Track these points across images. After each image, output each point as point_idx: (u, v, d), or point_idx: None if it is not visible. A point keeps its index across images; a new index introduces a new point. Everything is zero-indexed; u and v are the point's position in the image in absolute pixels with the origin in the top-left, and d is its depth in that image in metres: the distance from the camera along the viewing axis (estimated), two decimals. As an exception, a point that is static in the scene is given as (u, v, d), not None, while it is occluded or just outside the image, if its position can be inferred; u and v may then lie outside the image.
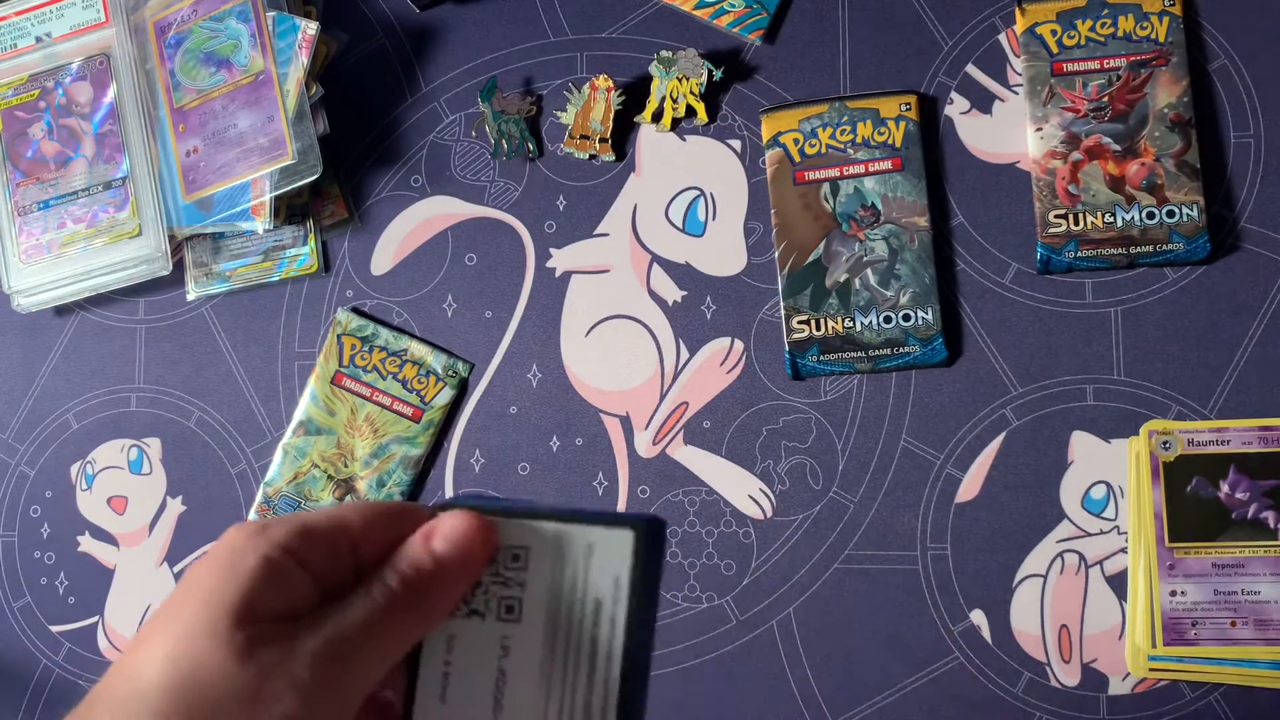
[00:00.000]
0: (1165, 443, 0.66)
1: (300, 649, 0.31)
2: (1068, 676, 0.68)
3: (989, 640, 0.69)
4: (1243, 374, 0.68)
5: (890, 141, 0.72)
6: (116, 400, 0.83)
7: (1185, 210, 0.68)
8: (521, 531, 0.35)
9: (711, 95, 0.75)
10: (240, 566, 0.31)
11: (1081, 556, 0.69)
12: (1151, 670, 0.66)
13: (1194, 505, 0.65)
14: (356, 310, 0.79)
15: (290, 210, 0.80)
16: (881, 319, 0.71)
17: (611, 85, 0.75)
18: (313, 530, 0.33)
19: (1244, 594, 0.65)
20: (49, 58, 0.81)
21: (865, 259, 0.71)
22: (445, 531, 0.35)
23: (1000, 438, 0.70)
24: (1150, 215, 0.68)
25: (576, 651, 0.34)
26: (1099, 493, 0.69)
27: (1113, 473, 0.69)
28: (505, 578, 0.35)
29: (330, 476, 0.77)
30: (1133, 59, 0.70)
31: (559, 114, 0.77)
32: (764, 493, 0.73)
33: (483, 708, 0.34)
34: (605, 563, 0.34)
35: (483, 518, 0.35)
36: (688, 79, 0.74)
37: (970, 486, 0.70)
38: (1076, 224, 0.69)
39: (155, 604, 0.81)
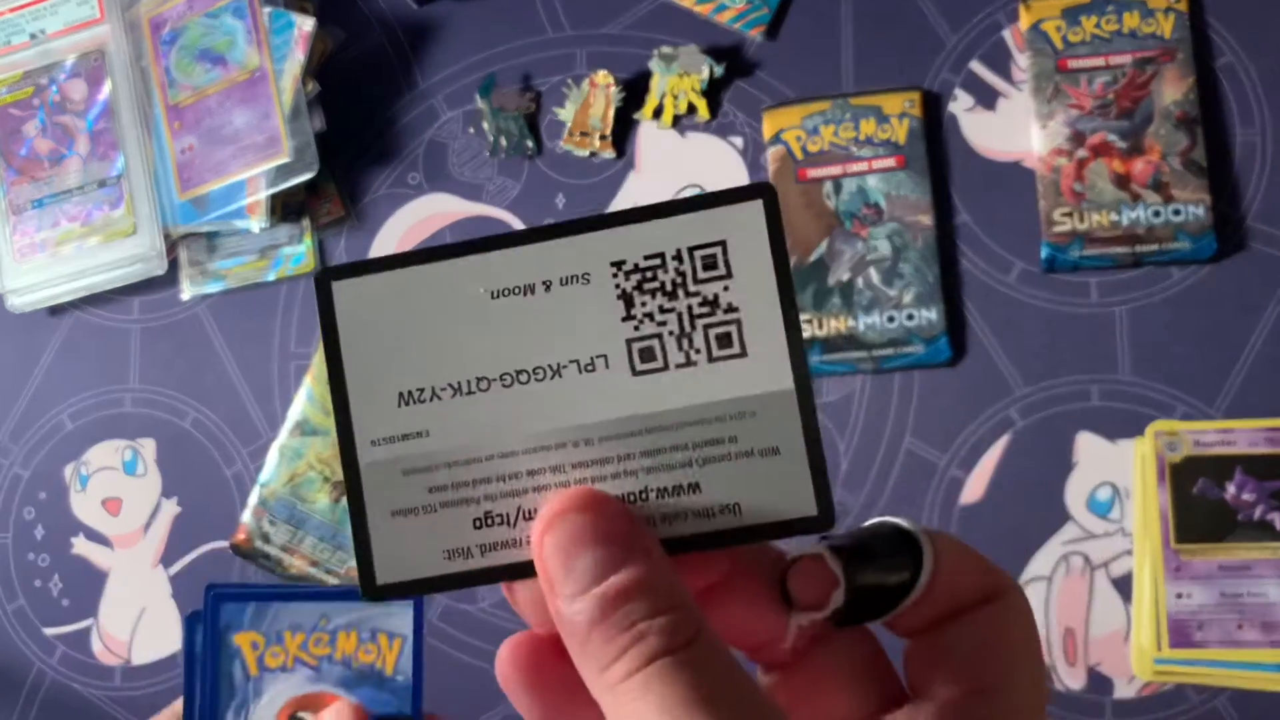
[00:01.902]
0: (1171, 443, 0.66)
1: None
2: (1072, 680, 0.67)
3: (993, 643, 0.69)
4: (1250, 374, 0.67)
5: (893, 139, 0.71)
6: (111, 401, 0.83)
7: (1191, 208, 0.68)
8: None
9: (712, 92, 0.75)
10: None
11: (1087, 559, 0.68)
12: (1157, 673, 0.66)
13: (1200, 507, 0.65)
14: (353, 309, 0.78)
15: (286, 208, 0.79)
16: (885, 318, 0.70)
17: (611, 82, 0.75)
18: None
19: (1250, 596, 0.64)
20: (43, 54, 0.80)
21: (868, 258, 0.71)
22: None
23: (1005, 438, 0.70)
24: (1156, 213, 0.68)
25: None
26: (1104, 494, 0.68)
27: (1118, 474, 0.68)
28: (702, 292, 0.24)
29: (326, 478, 0.76)
30: (1138, 56, 0.69)
31: (558, 111, 0.76)
32: (765, 494, 0.72)
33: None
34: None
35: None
36: (688, 75, 0.74)
37: (974, 488, 0.70)
38: (1082, 222, 0.69)
39: (149, 606, 0.80)
